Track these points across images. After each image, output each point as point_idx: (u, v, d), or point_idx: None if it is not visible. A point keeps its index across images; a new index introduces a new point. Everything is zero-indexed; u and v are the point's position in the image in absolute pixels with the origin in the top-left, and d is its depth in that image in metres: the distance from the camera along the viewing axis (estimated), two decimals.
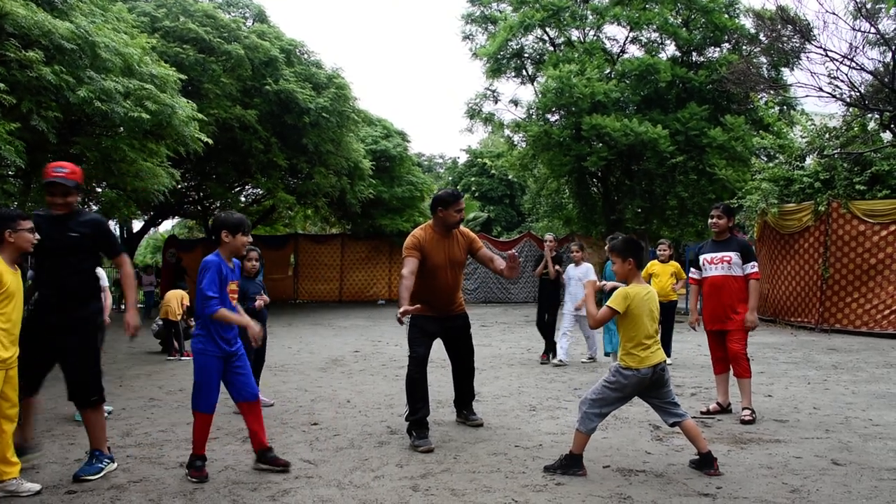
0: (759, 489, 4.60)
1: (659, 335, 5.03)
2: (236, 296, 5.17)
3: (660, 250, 10.61)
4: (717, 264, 6.97)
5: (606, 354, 10.47)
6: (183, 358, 11.37)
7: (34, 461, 5.23)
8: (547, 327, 10.83)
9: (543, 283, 11.00)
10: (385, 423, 6.66)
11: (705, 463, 4.93)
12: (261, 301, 7.15)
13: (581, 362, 10.53)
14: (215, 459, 5.30)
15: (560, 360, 10.34)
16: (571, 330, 10.52)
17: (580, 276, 10.14)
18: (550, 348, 10.75)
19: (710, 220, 7.23)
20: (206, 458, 4.98)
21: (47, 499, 4.49)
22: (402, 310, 5.62)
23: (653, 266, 10.46)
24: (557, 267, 10.71)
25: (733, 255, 6.91)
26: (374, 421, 6.75)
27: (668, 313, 10.30)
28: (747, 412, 6.70)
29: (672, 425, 4.98)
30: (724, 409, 7.04)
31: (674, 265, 10.49)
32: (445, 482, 4.80)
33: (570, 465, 4.94)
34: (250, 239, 5.18)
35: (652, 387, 4.91)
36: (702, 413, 7.01)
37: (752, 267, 6.88)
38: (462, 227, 6.45)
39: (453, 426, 6.48)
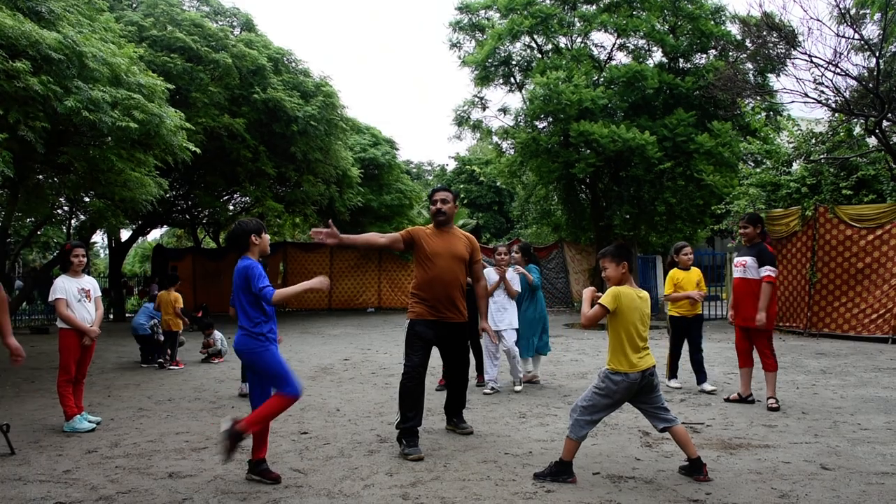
0: (748, 494, 4.62)
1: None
2: None
3: (683, 254, 8.82)
4: (738, 268, 7.74)
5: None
6: (174, 367, 11.28)
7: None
8: (475, 343, 9.10)
9: None
10: (375, 431, 6.65)
11: (695, 469, 4.94)
12: None
13: (515, 390, 8.73)
14: (204, 469, 5.29)
15: (492, 388, 8.72)
16: (495, 350, 8.86)
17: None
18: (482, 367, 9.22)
19: (739, 231, 8.04)
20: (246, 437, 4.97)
21: None
22: (325, 231, 5.59)
23: (676, 275, 8.82)
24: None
25: (748, 260, 7.61)
26: (363, 429, 6.74)
27: (696, 329, 8.77)
28: (772, 400, 7.43)
29: (662, 430, 4.99)
30: (744, 399, 7.70)
31: (697, 273, 8.85)
32: (435, 490, 4.80)
33: (560, 472, 4.94)
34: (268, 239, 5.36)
35: (641, 392, 4.92)
36: (725, 400, 7.81)
37: (766, 270, 7.49)
38: (471, 236, 6.56)
39: (443, 434, 6.48)
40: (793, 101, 26.56)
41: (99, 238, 29.90)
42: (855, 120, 15.13)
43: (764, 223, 8.20)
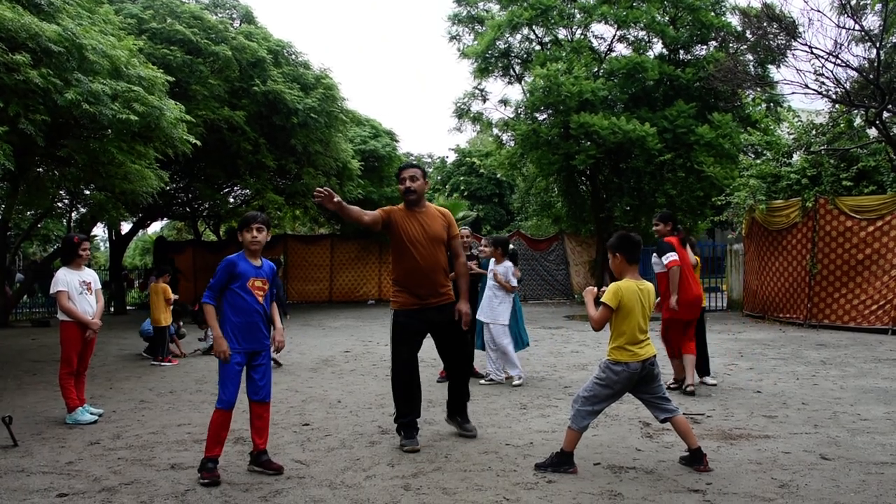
0: (748, 484, 4.63)
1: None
2: (262, 293, 5.19)
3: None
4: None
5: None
6: (164, 364, 11.05)
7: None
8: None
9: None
10: (376, 422, 6.67)
11: (695, 459, 4.95)
12: None
13: (479, 384, 8.50)
14: None
15: (490, 380, 8.71)
16: (491, 341, 8.70)
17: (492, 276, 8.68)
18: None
19: (653, 228, 8.34)
20: (217, 460, 4.95)
21: (38, 502, 4.48)
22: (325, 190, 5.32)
23: None
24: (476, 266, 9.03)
25: (654, 255, 8.09)
26: (365, 421, 6.76)
27: (701, 319, 8.48)
28: (691, 387, 7.87)
29: (663, 421, 5.00)
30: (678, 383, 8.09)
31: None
32: (437, 481, 4.82)
33: (561, 462, 4.96)
34: (256, 235, 5.16)
35: (642, 382, 4.94)
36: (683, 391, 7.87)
37: (667, 258, 7.81)
38: (445, 210, 6.16)
39: (444, 425, 6.46)
40: (793, 93, 26.60)
41: (99, 231, 29.90)
42: (855, 111, 15.12)
43: (676, 221, 8.32)
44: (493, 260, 8.83)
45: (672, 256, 7.78)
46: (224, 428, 4.99)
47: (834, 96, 14.70)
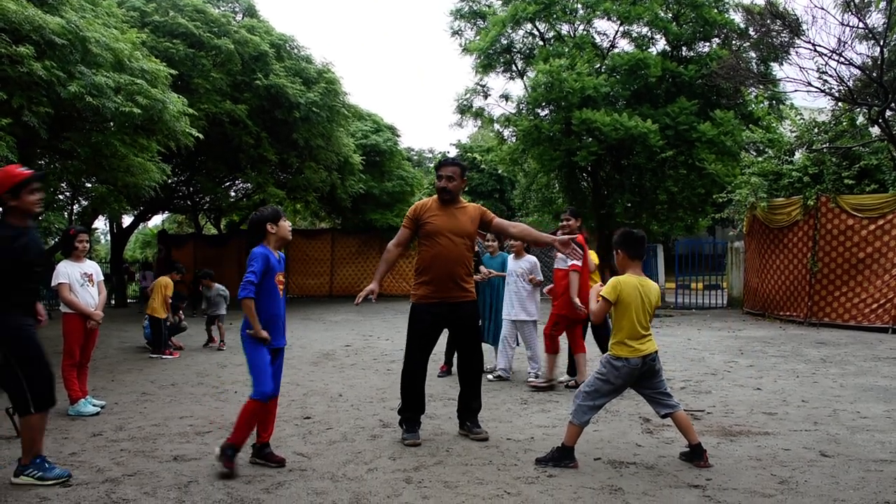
0: (748, 480, 4.65)
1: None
2: (282, 286, 5.18)
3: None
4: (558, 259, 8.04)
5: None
6: (164, 357, 11.09)
7: None
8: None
9: None
10: (377, 416, 6.69)
11: (695, 455, 4.98)
12: None
13: (487, 379, 8.43)
14: (209, 453, 5.31)
15: (498, 376, 8.64)
16: (511, 338, 8.67)
17: (521, 272, 8.58)
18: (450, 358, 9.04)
19: (560, 223, 8.12)
20: (239, 450, 4.94)
21: (43, 493, 4.50)
22: (364, 291, 5.82)
23: None
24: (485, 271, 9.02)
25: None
26: (366, 414, 6.78)
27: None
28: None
29: (664, 416, 5.02)
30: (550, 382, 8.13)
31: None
32: (438, 474, 4.84)
33: (562, 457, 4.98)
34: (290, 226, 5.26)
35: (643, 377, 4.96)
36: (532, 388, 8.03)
37: (571, 260, 7.73)
38: (481, 207, 6.08)
39: (445, 419, 6.49)
40: (796, 91, 26.51)
41: (101, 224, 29.91)
42: (858, 109, 15.11)
43: (583, 218, 8.29)
44: (512, 255, 8.84)
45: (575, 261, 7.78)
46: (257, 418, 4.99)
47: (837, 94, 14.69)
